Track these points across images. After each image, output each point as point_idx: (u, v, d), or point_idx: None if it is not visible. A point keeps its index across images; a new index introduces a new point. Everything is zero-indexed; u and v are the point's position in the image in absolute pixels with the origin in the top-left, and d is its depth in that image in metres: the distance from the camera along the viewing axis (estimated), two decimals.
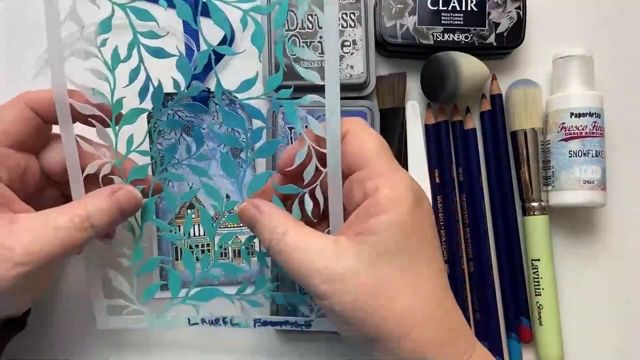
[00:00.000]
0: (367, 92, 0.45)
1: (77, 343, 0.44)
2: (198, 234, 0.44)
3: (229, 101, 0.43)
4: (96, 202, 0.34)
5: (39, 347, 0.44)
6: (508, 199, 0.46)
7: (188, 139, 0.43)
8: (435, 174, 0.46)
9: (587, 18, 0.49)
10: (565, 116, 0.44)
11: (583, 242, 0.47)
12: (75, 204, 0.34)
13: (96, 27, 0.34)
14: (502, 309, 0.46)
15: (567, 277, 0.47)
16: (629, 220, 0.47)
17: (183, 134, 0.43)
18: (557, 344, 0.44)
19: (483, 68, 0.44)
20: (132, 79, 0.35)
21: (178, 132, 0.43)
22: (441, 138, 0.46)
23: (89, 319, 0.40)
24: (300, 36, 0.44)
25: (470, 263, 0.45)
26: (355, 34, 0.44)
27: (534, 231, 0.45)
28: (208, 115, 0.44)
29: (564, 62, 0.45)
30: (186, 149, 0.39)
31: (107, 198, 0.35)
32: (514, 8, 0.45)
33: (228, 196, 0.44)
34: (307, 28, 0.44)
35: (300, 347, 0.45)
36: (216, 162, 0.44)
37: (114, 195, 0.35)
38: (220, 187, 0.42)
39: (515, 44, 0.45)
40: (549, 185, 0.45)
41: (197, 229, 0.44)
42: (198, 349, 0.45)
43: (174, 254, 0.44)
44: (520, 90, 0.45)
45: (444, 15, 0.44)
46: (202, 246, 0.44)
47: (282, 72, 0.34)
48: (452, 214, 0.45)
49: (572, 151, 0.44)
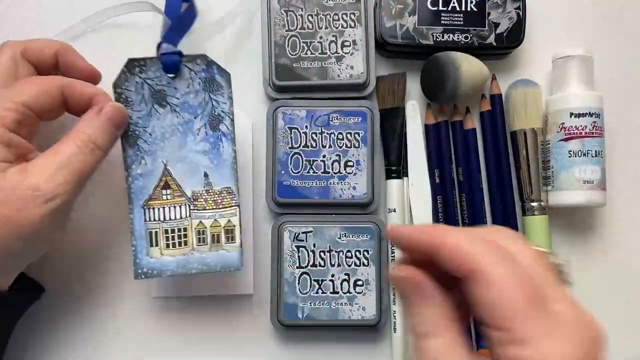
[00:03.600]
0: (367, 92, 0.45)
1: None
2: (174, 217, 0.39)
3: (205, 66, 0.39)
4: (91, 124, 0.36)
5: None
6: (508, 199, 0.46)
7: (161, 111, 0.39)
8: (435, 174, 0.46)
9: (587, 18, 0.49)
10: (565, 116, 0.44)
11: (583, 242, 0.47)
12: (73, 132, 0.36)
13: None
14: None
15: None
16: (629, 220, 0.47)
17: (155, 105, 0.39)
18: None
19: (483, 68, 0.44)
20: None
21: (149, 102, 0.39)
22: (441, 138, 0.46)
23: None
24: (300, 36, 0.44)
25: None
26: (355, 34, 0.44)
27: (533, 231, 0.45)
28: (181, 83, 0.39)
29: (564, 62, 0.45)
30: (159, 121, 0.37)
31: (97, 116, 0.36)
32: (514, 8, 0.45)
33: (207, 174, 0.39)
34: (307, 28, 0.44)
35: (300, 346, 0.45)
36: (193, 136, 0.39)
37: (102, 113, 0.37)
38: (198, 163, 0.39)
39: (515, 44, 0.45)
40: (549, 185, 0.45)
41: (173, 211, 0.39)
42: (197, 350, 0.45)
43: (149, 240, 0.39)
44: (520, 90, 0.45)
45: (443, 16, 0.45)
46: (178, 231, 0.39)
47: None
48: (452, 214, 0.46)
49: (571, 151, 0.44)
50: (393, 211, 0.45)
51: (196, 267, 0.39)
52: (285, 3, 0.44)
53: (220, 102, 0.38)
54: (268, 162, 0.45)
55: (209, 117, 0.39)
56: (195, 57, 0.38)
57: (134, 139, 0.37)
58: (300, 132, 0.44)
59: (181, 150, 0.37)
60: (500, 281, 0.24)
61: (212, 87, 0.37)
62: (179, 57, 0.38)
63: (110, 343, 0.45)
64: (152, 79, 0.38)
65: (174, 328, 0.45)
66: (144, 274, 0.38)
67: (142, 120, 0.37)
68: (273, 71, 0.44)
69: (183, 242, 0.38)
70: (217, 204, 0.38)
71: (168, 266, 0.38)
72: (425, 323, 0.26)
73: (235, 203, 0.39)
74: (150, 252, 0.39)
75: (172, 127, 0.38)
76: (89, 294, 0.45)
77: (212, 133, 0.38)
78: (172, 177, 0.39)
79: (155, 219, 0.38)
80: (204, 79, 0.37)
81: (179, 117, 0.37)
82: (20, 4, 0.46)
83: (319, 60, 0.44)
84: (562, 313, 0.25)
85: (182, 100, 0.39)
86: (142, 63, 0.37)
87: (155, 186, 0.39)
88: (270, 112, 0.45)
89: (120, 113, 0.37)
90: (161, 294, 0.45)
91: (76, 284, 0.45)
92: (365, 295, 0.43)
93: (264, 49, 0.45)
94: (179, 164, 0.37)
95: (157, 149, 0.38)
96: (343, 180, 0.44)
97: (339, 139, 0.44)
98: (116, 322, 0.45)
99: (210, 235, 0.39)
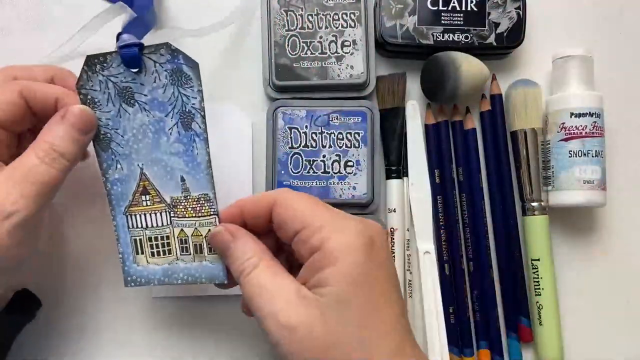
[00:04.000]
0: (367, 92, 0.45)
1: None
2: (156, 224, 0.37)
3: (170, 56, 0.35)
4: (53, 131, 0.34)
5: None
6: (508, 199, 0.46)
7: (130, 110, 0.35)
8: (435, 174, 0.46)
9: (587, 18, 0.49)
10: (565, 116, 0.44)
11: (583, 242, 0.47)
12: (35, 141, 0.34)
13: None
14: (502, 309, 0.46)
15: (567, 277, 0.47)
16: (629, 220, 0.47)
17: (123, 104, 0.35)
18: (557, 344, 0.44)
19: (483, 68, 0.44)
20: None
21: (117, 102, 0.35)
22: (441, 138, 0.46)
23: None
24: (300, 36, 0.44)
25: (470, 263, 0.45)
26: (355, 34, 0.44)
27: (533, 231, 0.45)
28: (147, 78, 0.35)
29: (564, 62, 0.45)
30: (129, 122, 0.34)
31: (60, 123, 0.34)
32: (514, 8, 0.45)
33: (183, 179, 0.36)
34: (307, 28, 0.44)
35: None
36: (165, 137, 0.36)
37: (64, 119, 0.34)
38: (173, 167, 0.36)
39: (515, 44, 0.45)
40: (549, 185, 0.45)
41: (154, 218, 0.37)
42: (197, 350, 0.45)
43: (134, 247, 0.37)
44: (520, 90, 0.45)
45: (444, 15, 0.45)
46: (161, 239, 0.37)
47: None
48: (452, 214, 0.46)
49: (572, 151, 0.44)
50: (393, 211, 0.45)
51: (182, 277, 0.37)
52: (285, 3, 0.44)
53: (190, 97, 0.35)
54: (268, 162, 0.45)
55: (180, 115, 0.35)
56: (158, 47, 0.35)
57: (106, 142, 0.35)
58: (300, 132, 0.44)
59: (155, 152, 0.35)
60: (291, 199, 0.33)
61: (180, 79, 0.34)
62: (138, 48, 0.34)
63: (110, 343, 0.45)
64: (116, 76, 0.35)
65: (174, 328, 0.45)
66: (134, 281, 0.37)
67: (112, 122, 0.35)
68: (273, 71, 0.44)
69: (167, 251, 0.37)
70: (197, 212, 0.36)
71: (155, 274, 0.37)
72: (241, 258, 0.32)
73: (214, 212, 0.36)
74: (137, 260, 0.37)
75: (143, 127, 0.35)
76: (89, 294, 0.45)
77: (185, 133, 0.35)
78: (150, 181, 0.36)
79: (138, 226, 0.36)
80: (170, 70, 0.34)
81: (149, 116, 0.35)
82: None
83: (319, 60, 0.44)
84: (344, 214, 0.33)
85: (150, 96, 0.35)
86: (102, 59, 0.34)
87: (134, 192, 0.36)
88: (270, 112, 0.45)
89: (86, 117, 0.34)
90: (161, 294, 0.45)
91: (75, 284, 0.45)
92: None
93: (264, 49, 0.45)
94: (155, 167, 0.35)
95: (132, 151, 0.35)
96: (343, 180, 0.44)
97: (339, 139, 0.44)
98: (116, 322, 0.45)
99: (193, 245, 0.36)
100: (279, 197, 0.33)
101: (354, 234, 0.31)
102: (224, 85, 0.47)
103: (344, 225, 0.31)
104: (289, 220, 0.32)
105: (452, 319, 0.45)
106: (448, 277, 0.45)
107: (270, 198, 0.33)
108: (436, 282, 0.45)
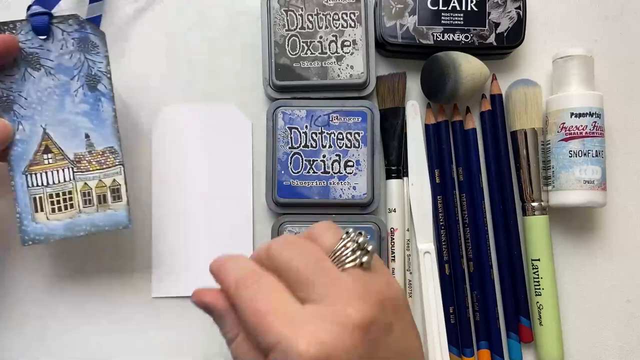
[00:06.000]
0: (367, 92, 0.45)
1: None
2: (58, 180, 0.39)
3: (78, 26, 0.38)
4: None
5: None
6: (508, 199, 0.46)
7: (35, 74, 0.38)
8: (435, 174, 0.46)
9: (587, 18, 0.49)
10: (565, 116, 0.44)
11: (583, 242, 0.47)
12: None
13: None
14: (502, 309, 0.46)
15: (567, 277, 0.47)
16: (629, 220, 0.47)
17: (28, 69, 0.38)
18: (557, 344, 0.44)
19: (483, 68, 0.44)
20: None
21: (22, 66, 0.38)
22: (441, 138, 0.46)
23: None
24: (300, 36, 0.44)
25: (470, 263, 0.45)
26: (355, 34, 0.44)
27: (534, 231, 0.45)
28: (54, 45, 0.38)
29: (564, 62, 0.45)
30: (34, 85, 0.36)
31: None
32: (514, 8, 0.45)
33: (88, 135, 0.39)
34: (307, 28, 0.44)
35: None
36: (71, 98, 0.39)
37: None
38: (78, 125, 0.39)
39: (515, 44, 0.45)
40: (549, 185, 0.45)
41: (56, 175, 0.39)
42: (197, 350, 0.45)
43: (33, 205, 0.38)
44: (520, 90, 0.45)
45: (444, 15, 0.44)
46: (63, 194, 0.39)
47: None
48: (452, 214, 0.46)
49: (572, 151, 0.44)
50: (393, 211, 0.45)
51: (84, 228, 0.39)
52: (285, 3, 0.44)
53: (97, 62, 0.38)
54: (268, 162, 0.45)
55: (86, 78, 0.38)
56: (67, 18, 0.38)
57: (9, 104, 0.37)
58: (300, 132, 0.44)
59: (60, 113, 0.37)
60: (250, 305, 0.28)
61: (87, 47, 0.37)
62: (48, 18, 0.38)
63: (110, 343, 0.45)
64: (24, 42, 0.38)
65: (173, 328, 0.45)
66: (32, 240, 0.38)
67: (16, 85, 0.37)
68: (273, 71, 0.44)
69: (69, 205, 0.38)
70: (101, 164, 0.39)
71: (55, 230, 0.38)
72: (229, 332, 0.31)
73: (119, 162, 0.39)
74: (35, 218, 0.38)
75: (48, 90, 0.38)
76: (88, 294, 0.45)
77: (91, 94, 0.38)
78: (53, 140, 0.38)
79: (38, 184, 0.38)
80: (77, 39, 0.37)
81: (54, 80, 0.37)
82: None
83: (319, 60, 0.44)
84: (315, 307, 0.28)
85: (56, 62, 0.38)
86: (12, 26, 0.37)
87: (36, 151, 0.38)
88: (270, 112, 0.45)
89: (5, 132, 0.36)
90: (161, 294, 0.45)
91: (74, 284, 0.45)
92: None
93: (264, 49, 0.45)
94: (59, 127, 0.37)
95: (35, 113, 0.37)
96: (343, 180, 0.44)
97: (339, 139, 0.44)
98: (116, 322, 0.45)
99: (96, 196, 0.39)
100: (234, 301, 0.30)
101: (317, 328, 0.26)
102: (224, 85, 0.47)
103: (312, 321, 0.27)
104: (248, 324, 0.28)
105: (452, 319, 0.45)
106: (448, 277, 0.45)
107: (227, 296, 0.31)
108: (436, 282, 0.45)
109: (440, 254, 0.45)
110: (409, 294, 0.45)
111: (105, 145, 0.39)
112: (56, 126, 0.37)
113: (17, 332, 0.44)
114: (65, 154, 0.38)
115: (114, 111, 0.39)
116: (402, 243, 0.45)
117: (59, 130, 0.37)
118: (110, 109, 0.39)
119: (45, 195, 0.38)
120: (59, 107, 0.37)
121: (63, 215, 0.38)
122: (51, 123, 0.38)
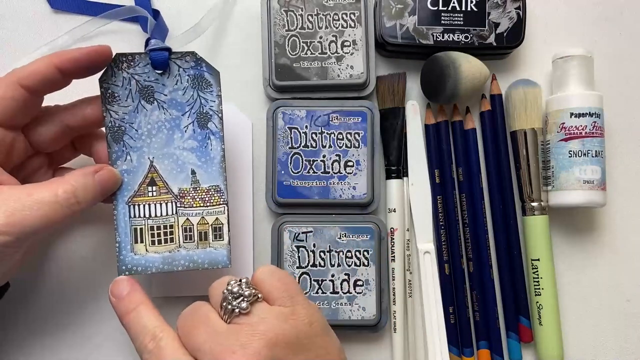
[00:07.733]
0: (367, 92, 0.45)
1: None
2: (160, 213, 0.39)
3: (194, 63, 0.39)
4: (81, 180, 0.35)
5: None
6: (508, 199, 0.46)
7: (148, 107, 0.38)
8: (435, 174, 0.46)
9: (587, 18, 0.49)
10: (565, 116, 0.44)
11: (583, 242, 0.47)
12: (61, 179, 0.35)
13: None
14: (502, 309, 0.46)
15: (567, 277, 0.47)
16: (629, 220, 0.47)
17: (142, 101, 0.38)
18: (557, 344, 0.44)
19: (483, 68, 0.44)
20: None
21: (136, 98, 0.38)
22: (441, 138, 0.46)
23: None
24: (300, 36, 0.44)
25: (470, 263, 0.45)
26: (355, 34, 0.44)
27: (533, 231, 0.45)
28: (170, 80, 0.39)
29: (564, 62, 0.45)
30: (146, 117, 0.37)
31: (91, 176, 0.36)
32: (514, 8, 0.45)
33: (194, 172, 0.39)
34: (307, 28, 0.44)
35: None
36: (180, 133, 0.39)
37: (97, 174, 0.36)
38: (185, 161, 0.39)
39: (515, 44, 0.45)
40: (549, 185, 0.45)
41: (159, 208, 0.39)
42: None
43: (133, 236, 0.38)
44: (520, 90, 0.45)
45: (443, 16, 0.45)
46: (164, 228, 0.39)
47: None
48: (452, 214, 0.46)
49: (572, 151, 0.44)
50: (393, 211, 0.45)
51: (182, 263, 0.38)
52: (285, 3, 0.44)
53: (209, 100, 0.39)
54: (268, 162, 0.45)
55: (197, 115, 0.39)
56: (184, 54, 0.38)
57: (119, 134, 0.37)
58: (300, 132, 0.44)
59: (168, 147, 0.37)
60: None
61: (201, 84, 0.37)
62: (168, 53, 0.38)
63: (110, 343, 0.45)
64: (140, 75, 0.38)
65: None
66: (128, 270, 0.38)
67: (129, 116, 0.37)
68: (273, 71, 0.44)
69: (169, 239, 0.38)
70: (205, 202, 0.38)
71: (153, 263, 0.38)
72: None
73: (224, 201, 0.39)
74: (134, 249, 0.38)
75: (159, 123, 0.38)
76: (88, 294, 0.45)
77: (200, 131, 0.38)
78: (159, 173, 0.38)
79: (140, 216, 0.38)
80: (192, 76, 0.37)
81: (166, 114, 0.37)
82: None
83: (319, 60, 0.44)
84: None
85: (169, 97, 0.38)
86: (131, 58, 0.37)
87: (141, 183, 0.38)
88: (270, 112, 0.45)
89: (113, 179, 0.37)
90: (161, 294, 0.45)
91: (74, 284, 0.45)
92: (365, 295, 0.43)
93: (264, 49, 0.45)
94: (166, 160, 0.37)
95: (144, 145, 0.38)
96: (343, 180, 0.44)
97: (339, 139, 0.44)
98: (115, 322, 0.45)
99: (198, 233, 0.39)
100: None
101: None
102: (224, 85, 0.46)
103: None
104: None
105: (452, 319, 0.45)
106: (448, 277, 0.45)
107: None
108: (436, 282, 0.45)
109: (440, 254, 0.45)
110: (409, 294, 0.45)
111: (211, 184, 0.39)
112: (163, 159, 0.37)
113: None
114: (170, 187, 0.38)
115: (222, 151, 0.39)
116: (402, 243, 0.45)
117: (165, 164, 0.37)
118: (219, 149, 0.39)
119: (146, 227, 0.38)
120: (167, 141, 0.37)
121: (162, 248, 0.38)
122: (158, 156, 0.38)
